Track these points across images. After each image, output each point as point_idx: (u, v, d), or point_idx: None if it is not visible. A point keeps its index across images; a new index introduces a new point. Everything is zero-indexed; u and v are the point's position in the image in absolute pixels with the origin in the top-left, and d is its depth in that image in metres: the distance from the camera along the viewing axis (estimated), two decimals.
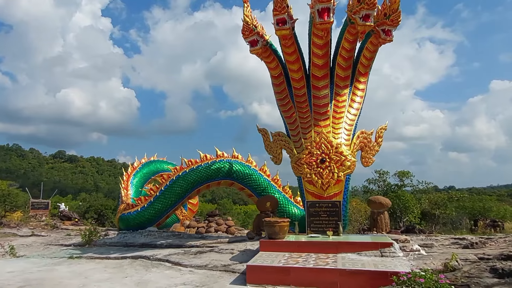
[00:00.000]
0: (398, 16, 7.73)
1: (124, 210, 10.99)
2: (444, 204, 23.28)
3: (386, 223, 8.19)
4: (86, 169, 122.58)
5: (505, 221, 17.63)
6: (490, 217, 19.28)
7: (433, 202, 23.43)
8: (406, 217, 21.91)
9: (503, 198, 43.44)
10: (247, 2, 8.44)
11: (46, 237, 11.68)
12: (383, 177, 26.73)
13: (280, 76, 9.30)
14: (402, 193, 22.90)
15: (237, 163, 10.59)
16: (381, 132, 9.03)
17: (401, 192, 22.99)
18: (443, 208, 23.03)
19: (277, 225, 6.59)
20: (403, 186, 25.34)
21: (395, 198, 22.65)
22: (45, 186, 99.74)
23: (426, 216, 22.99)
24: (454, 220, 22.54)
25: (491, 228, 15.10)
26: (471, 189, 59.79)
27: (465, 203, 24.96)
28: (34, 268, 7.32)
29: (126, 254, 8.17)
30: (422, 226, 20.56)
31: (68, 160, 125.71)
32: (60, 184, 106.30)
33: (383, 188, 26.28)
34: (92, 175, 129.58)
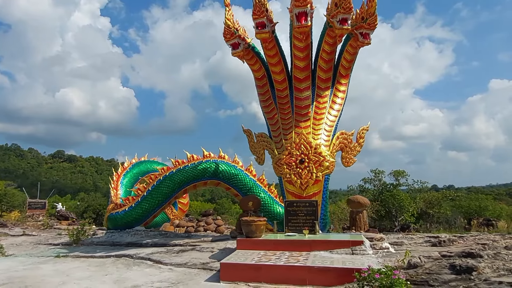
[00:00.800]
0: (374, 19, 7.91)
1: (113, 209, 11.17)
2: (438, 203, 23.49)
3: (364, 221, 8.38)
4: (85, 169, 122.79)
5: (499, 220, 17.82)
6: (485, 216, 19.47)
7: (428, 201, 23.64)
8: (402, 216, 22.12)
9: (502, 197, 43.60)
10: (228, 6, 8.62)
11: (36, 237, 11.87)
12: (378, 176, 26.93)
13: (263, 78, 9.48)
14: (397, 192, 23.10)
15: (223, 163, 10.78)
16: (363, 132, 9.19)
17: (396, 192, 23.18)
18: (437, 207, 23.24)
19: (254, 224, 6.77)
20: (398, 185, 25.55)
21: (390, 198, 22.85)
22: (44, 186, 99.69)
23: (423, 215, 23.20)
24: (449, 219, 22.76)
25: (485, 226, 15.28)
26: (470, 188, 59.92)
27: (461, 202, 25.14)
28: (19, 266, 7.50)
29: (110, 253, 8.35)
30: (417, 225, 20.79)
31: (67, 160, 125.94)
32: (59, 183, 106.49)
33: (378, 187, 26.49)
34: (91, 175, 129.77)
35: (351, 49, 8.71)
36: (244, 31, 8.88)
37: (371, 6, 7.87)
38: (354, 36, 8.32)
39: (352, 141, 8.95)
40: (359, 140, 9.10)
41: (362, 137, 9.19)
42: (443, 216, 22.36)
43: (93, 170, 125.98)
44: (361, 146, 9.16)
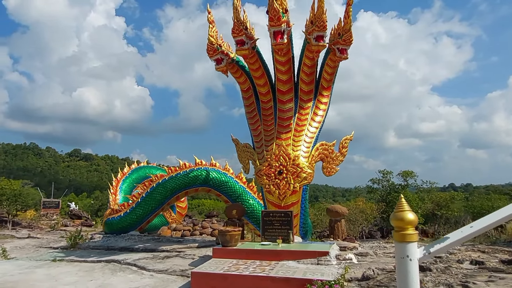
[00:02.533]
0: (349, 36, 8.15)
1: (109, 215, 11.75)
2: (446, 204, 23.39)
3: (342, 230, 8.67)
4: (101, 167, 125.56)
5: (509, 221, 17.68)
6: None
7: (436, 202, 23.57)
8: None
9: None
10: (212, 23, 9.01)
11: (39, 239, 12.55)
12: (386, 177, 26.94)
13: (248, 90, 9.84)
14: (405, 193, 23.11)
15: (214, 170, 11.21)
16: (346, 142, 9.44)
17: (404, 193, 23.18)
18: (445, 208, 23.15)
19: (228, 234, 7.16)
20: (407, 186, 25.52)
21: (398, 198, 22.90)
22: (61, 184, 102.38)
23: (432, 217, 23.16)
24: (457, 220, 22.69)
25: (493, 228, 15.22)
26: (489, 187, 58.73)
27: (473, 202, 24.91)
28: (16, 270, 8.09)
29: (102, 258, 8.88)
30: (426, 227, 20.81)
31: (83, 158, 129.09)
32: (75, 182, 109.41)
33: (386, 188, 26.51)
34: (107, 173, 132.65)
35: (331, 63, 8.97)
36: (228, 46, 9.26)
37: (346, 22, 8.14)
38: (332, 51, 8.59)
39: (334, 151, 9.22)
40: (342, 150, 9.35)
41: (345, 147, 9.43)
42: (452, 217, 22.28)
43: (108, 168, 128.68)
44: (344, 156, 9.41)
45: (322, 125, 9.38)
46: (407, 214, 2.10)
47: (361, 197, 39.98)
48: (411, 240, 2.07)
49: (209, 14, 9.00)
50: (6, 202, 24.22)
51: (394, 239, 2.18)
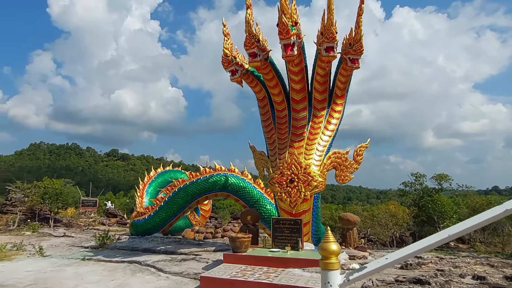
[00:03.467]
0: (360, 46, 8.23)
1: (135, 217, 12.45)
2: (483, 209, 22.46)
3: (354, 238, 8.73)
4: (137, 167, 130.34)
5: None
6: None
7: (471, 207, 22.70)
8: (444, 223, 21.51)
9: None
10: (227, 36, 9.36)
11: (73, 238, 13.50)
12: (419, 180, 26.20)
13: (264, 99, 10.13)
14: (439, 197, 22.43)
15: (233, 176, 11.58)
16: (361, 150, 9.50)
17: (437, 197, 22.51)
18: None
19: (238, 240, 7.48)
20: (441, 190, 24.73)
21: (431, 203, 22.26)
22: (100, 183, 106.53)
23: None
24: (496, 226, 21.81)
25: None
26: None
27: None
28: (48, 268, 8.85)
29: (125, 259, 9.48)
30: None
31: (120, 158, 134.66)
32: (113, 181, 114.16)
33: (419, 191, 25.80)
34: (143, 173, 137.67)
35: (343, 72, 9.07)
36: (243, 57, 9.58)
37: (357, 33, 8.21)
38: (344, 60, 8.69)
39: (348, 159, 9.30)
40: (356, 158, 9.42)
41: (360, 155, 9.50)
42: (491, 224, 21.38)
43: (144, 168, 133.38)
44: (358, 164, 9.47)
45: (336, 133, 9.48)
46: (331, 245, 2.31)
47: (393, 201, 39.00)
48: (333, 268, 2.28)
49: (224, 27, 9.36)
50: (48, 201, 25.74)
51: (320, 267, 2.39)
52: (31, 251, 11.27)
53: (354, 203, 52.10)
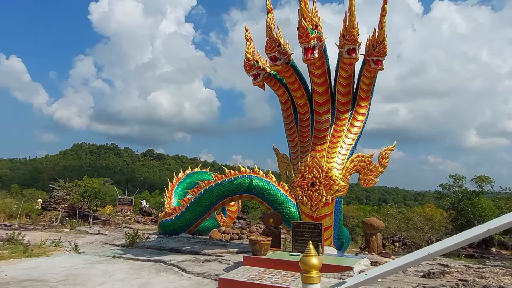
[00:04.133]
0: (383, 47, 8.03)
1: (164, 217, 12.85)
2: None
3: (378, 244, 8.52)
4: (171, 167, 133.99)
5: None
6: None
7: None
8: None
9: None
10: (249, 40, 9.45)
11: (106, 236, 14.15)
12: (458, 182, 25.08)
13: (287, 102, 10.13)
14: (479, 200, 21.42)
15: (257, 178, 11.66)
16: (386, 153, 9.26)
17: (477, 200, 21.50)
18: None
19: (257, 243, 7.54)
20: (482, 193, 23.59)
21: (470, 206, 21.29)
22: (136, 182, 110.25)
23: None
24: None
25: None
26: None
27: None
28: (81, 264, 9.35)
29: (152, 258, 9.83)
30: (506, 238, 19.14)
31: (156, 158, 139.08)
32: (149, 180, 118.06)
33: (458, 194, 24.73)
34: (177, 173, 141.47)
35: (367, 74, 8.88)
36: (265, 61, 9.62)
37: (380, 33, 8.02)
38: (368, 62, 8.51)
39: (372, 163, 9.09)
40: (382, 161, 9.20)
41: (386, 158, 9.26)
42: None
43: (178, 168, 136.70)
44: (384, 167, 9.24)
45: (359, 136, 9.30)
46: (312, 259, 2.31)
47: (429, 203, 37.38)
48: (313, 282, 2.27)
49: (246, 32, 9.45)
50: (88, 199, 27.01)
51: (301, 280, 2.39)
52: (68, 248, 11.94)
53: (389, 205, 50.59)
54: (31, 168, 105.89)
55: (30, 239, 13.01)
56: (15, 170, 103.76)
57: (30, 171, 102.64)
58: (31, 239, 13.00)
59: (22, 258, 10.41)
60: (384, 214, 30.68)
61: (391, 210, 30.89)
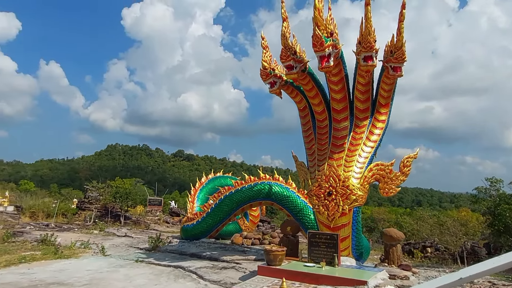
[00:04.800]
0: (402, 53, 7.80)
1: (186, 222, 13.10)
2: None
3: (398, 256, 8.27)
4: (201, 167, 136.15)
5: None
6: None
7: None
8: None
9: None
10: (266, 49, 9.47)
11: (132, 239, 14.60)
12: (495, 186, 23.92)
13: (305, 109, 10.06)
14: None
15: (277, 185, 11.65)
16: (408, 161, 9.02)
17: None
18: None
19: (271, 253, 7.53)
20: None
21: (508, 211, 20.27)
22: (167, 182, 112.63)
23: None
24: None
25: None
26: None
27: None
28: (105, 268, 9.71)
29: (172, 263, 10.04)
30: None
31: (186, 158, 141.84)
32: (179, 180, 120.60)
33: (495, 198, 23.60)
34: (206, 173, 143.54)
35: (387, 80, 8.67)
36: (282, 69, 9.60)
37: (398, 40, 7.80)
38: (386, 68, 8.30)
39: (393, 171, 8.86)
40: (404, 169, 8.96)
41: (407, 166, 9.02)
42: None
43: (208, 168, 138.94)
44: (406, 175, 9.00)
45: (379, 144, 9.09)
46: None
47: (465, 207, 35.73)
48: None
49: (263, 40, 9.48)
50: (119, 199, 27.93)
51: None
52: (95, 250, 12.44)
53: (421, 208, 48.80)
54: (68, 168, 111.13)
55: (61, 240, 13.66)
56: (55, 170, 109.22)
57: (68, 171, 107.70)
58: (62, 240, 13.65)
59: (52, 260, 10.94)
60: (417, 217, 29.68)
61: (423, 214, 29.85)
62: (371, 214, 52.55)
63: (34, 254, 11.51)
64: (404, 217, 38.95)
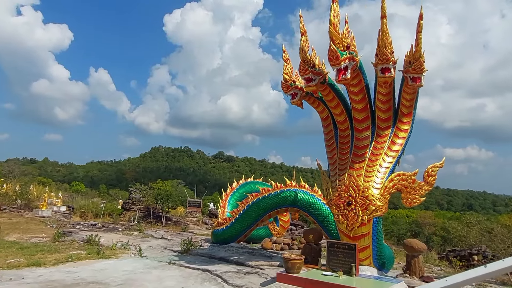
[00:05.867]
0: (420, 64, 7.76)
1: (216, 226, 13.67)
2: None
3: (419, 267, 8.20)
4: (240, 168, 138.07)
5: None
6: None
7: None
8: None
9: None
10: (287, 61, 9.76)
11: (168, 241, 15.43)
12: None
13: (327, 119, 10.22)
14: None
15: (302, 192, 11.87)
16: (433, 170, 8.89)
17: None
18: None
19: (290, 261, 7.80)
20: None
21: None
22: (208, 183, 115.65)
23: None
24: None
25: None
26: None
27: None
28: (139, 269, 10.47)
29: (200, 266, 10.60)
30: None
31: (226, 160, 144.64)
32: (220, 181, 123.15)
33: None
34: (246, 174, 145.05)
35: (408, 89, 8.63)
36: (302, 81, 9.83)
37: (416, 50, 7.77)
38: (406, 79, 8.29)
39: (416, 181, 8.77)
40: (428, 179, 8.85)
41: (432, 175, 8.89)
42: None
43: (247, 169, 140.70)
44: (430, 185, 8.88)
45: (401, 154, 9.05)
46: None
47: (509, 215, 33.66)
48: None
49: (284, 53, 9.77)
50: (160, 201, 29.32)
51: None
52: (133, 251, 13.35)
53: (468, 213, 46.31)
54: (116, 170, 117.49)
55: (104, 240, 14.79)
56: (103, 171, 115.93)
57: (115, 172, 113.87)
58: (105, 241, 14.76)
59: (95, 259, 11.92)
60: (464, 223, 28.31)
61: (471, 218, 28.46)
62: (416, 218, 50.46)
63: (79, 254, 12.59)
64: (452, 222, 37.11)
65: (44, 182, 60.66)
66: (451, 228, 28.77)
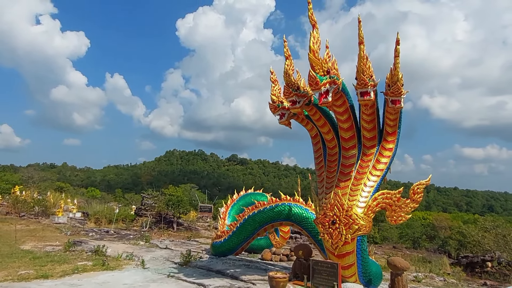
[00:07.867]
0: (397, 88, 7.96)
1: (215, 239, 14.06)
2: None
3: (403, 285, 8.36)
4: (254, 171, 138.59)
5: None
6: None
7: None
8: None
9: None
10: (274, 83, 10.07)
11: (171, 252, 15.91)
12: None
13: (316, 136, 10.47)
14: None
15: (296, 206, 12.12)
16: (419, 188, 9.04)
17: None
18: None
19: (274, 280, 8.10)
20: None
21: None
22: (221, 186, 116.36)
23: None
24: None
25: None
26: None
27: None
28: (139, 282, 10.91)
29: (197, 280, 10.97)
30: None
31: (239, 162, 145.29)
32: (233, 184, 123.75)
33: None
34: (259, 177, 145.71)
35: (391, 110, 8.81)
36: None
37: (394, 74, 7.98)
38: (386, 100, 8.49)
39: (401, 199, 8.93)
40: (414, 196, 9.01)
41: (418, 192, 9.04)
42: None
43: (260, 172, 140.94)
44: (417, 203, 9.03)
45: (386, 173, 9.23)
46: None
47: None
48: None
49: (271, 75, 10.10)
50: (171, 207, 29.93)
51: None
52: (137, 262, 13.86)
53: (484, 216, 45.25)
54: (132, 174, 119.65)
55: (111, 251, 15.36)
56: (120, 175, 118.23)
57: (131, 176, 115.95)
58: (111, 251, 15.33)
59: (99, 271, 12.45)
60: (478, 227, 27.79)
61: (485, 223, 27.93)
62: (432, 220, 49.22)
63: (86, 265, 13.15)
64: (468, 225, 36.25)
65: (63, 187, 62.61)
66: (467, 232, 28.21)
